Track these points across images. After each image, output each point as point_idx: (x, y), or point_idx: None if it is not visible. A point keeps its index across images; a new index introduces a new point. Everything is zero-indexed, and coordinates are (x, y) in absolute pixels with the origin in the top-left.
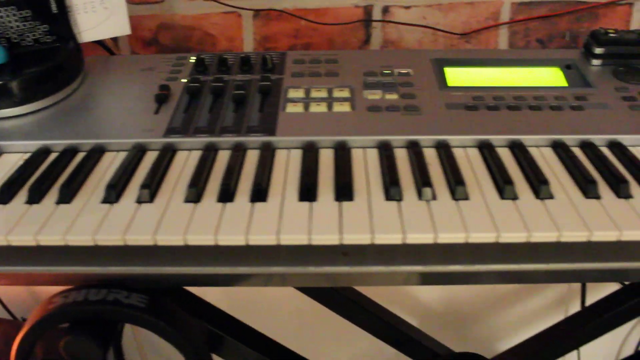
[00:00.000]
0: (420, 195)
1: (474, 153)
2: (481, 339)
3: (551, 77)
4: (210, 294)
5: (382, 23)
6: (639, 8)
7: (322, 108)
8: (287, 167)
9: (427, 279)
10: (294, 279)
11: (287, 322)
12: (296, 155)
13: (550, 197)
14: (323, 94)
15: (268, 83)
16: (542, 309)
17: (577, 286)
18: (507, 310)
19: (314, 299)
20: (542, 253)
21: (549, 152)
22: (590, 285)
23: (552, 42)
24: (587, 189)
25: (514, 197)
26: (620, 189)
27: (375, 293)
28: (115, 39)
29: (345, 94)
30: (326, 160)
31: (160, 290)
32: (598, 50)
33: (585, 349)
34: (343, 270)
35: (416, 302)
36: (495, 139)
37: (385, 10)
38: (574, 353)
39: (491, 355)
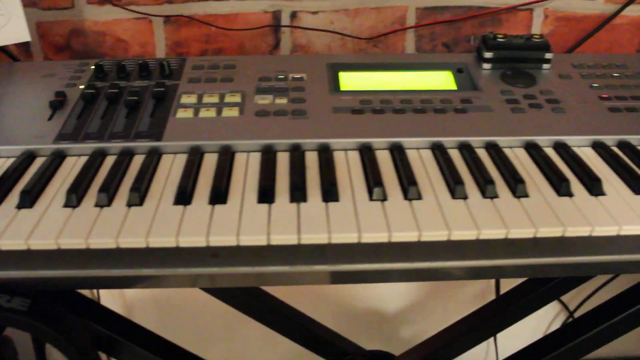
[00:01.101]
0: (291, 197)
1: (355, 156)
2: (404, 337)
3: (442, 80)
4: (137, 300)
5: (291, 28)
6: (539, 14)
7: (211, 113)
8: (170, 171)
9: (298, 279)
10: (166, 281)
11: (216, 325)
12: (181, 159)
13: (419, 198)
14: (215, 99)
15: (162, 89)
16: (464, 304)
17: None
18: (429, 307)
19: (220, 300)
20: (407, 252)
21: (427, 154)
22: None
23: (458, 46)
24: (455, 189)
25: (383, 199)
26: (487, 190)
27: (297, 293)
28: (26, 46)
29: (237, 99)
30: (208, 164)
31: (48, 294)
32: (487, 55)
33: (506, 342)
34: (212, 272)
35: (339, 302)
36: (376, 142)
37: (293, 15)
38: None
39: None
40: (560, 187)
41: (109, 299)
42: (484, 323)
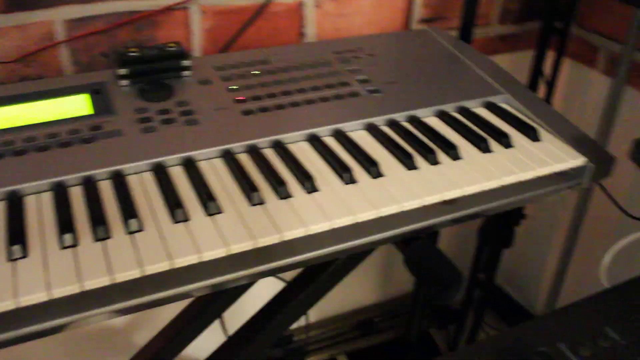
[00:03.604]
0: None
1: None
2: (140, 343)
3: (78, 106)
4: None
5: None
6: (196, 10)
7: None
8: None
9: None
10: None
11: None
12: None
13: (24, 256)
14: None
15: None
16: None
17: None
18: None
19: None
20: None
21: (47, 199)
22: None
23: None
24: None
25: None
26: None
27: None
28: None
29: None
30: None
31: None
32: (122, 72)
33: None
34: None
35: None
36: None
37: None
38: None
39: None
40: (174, 213)
41: None
42: (206, 308)
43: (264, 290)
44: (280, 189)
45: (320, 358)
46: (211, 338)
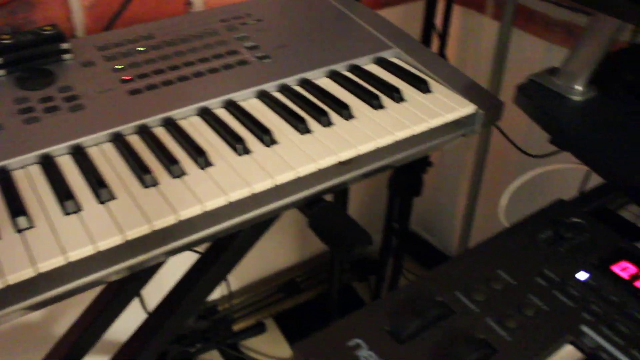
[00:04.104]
0: None
1: None
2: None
3: None
4: None
5: None
6: None
7: None
8: None
9: None
10: None
11: None
12: None
13: None
14: None
15: None
16: None
17: None
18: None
19: None
20: None
21: None
22: None
23: None
24: None
25: None
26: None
27: None
28: None
29: None
30: None
31: None
32: None
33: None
34: None
35: None
36: None
37: None
38: None
39: None
40: (64, 205)
41: None
42: (122, 288)
43: (180, 263)
44: (173, 168)
45: (248, 324)
46: (132, 317)
